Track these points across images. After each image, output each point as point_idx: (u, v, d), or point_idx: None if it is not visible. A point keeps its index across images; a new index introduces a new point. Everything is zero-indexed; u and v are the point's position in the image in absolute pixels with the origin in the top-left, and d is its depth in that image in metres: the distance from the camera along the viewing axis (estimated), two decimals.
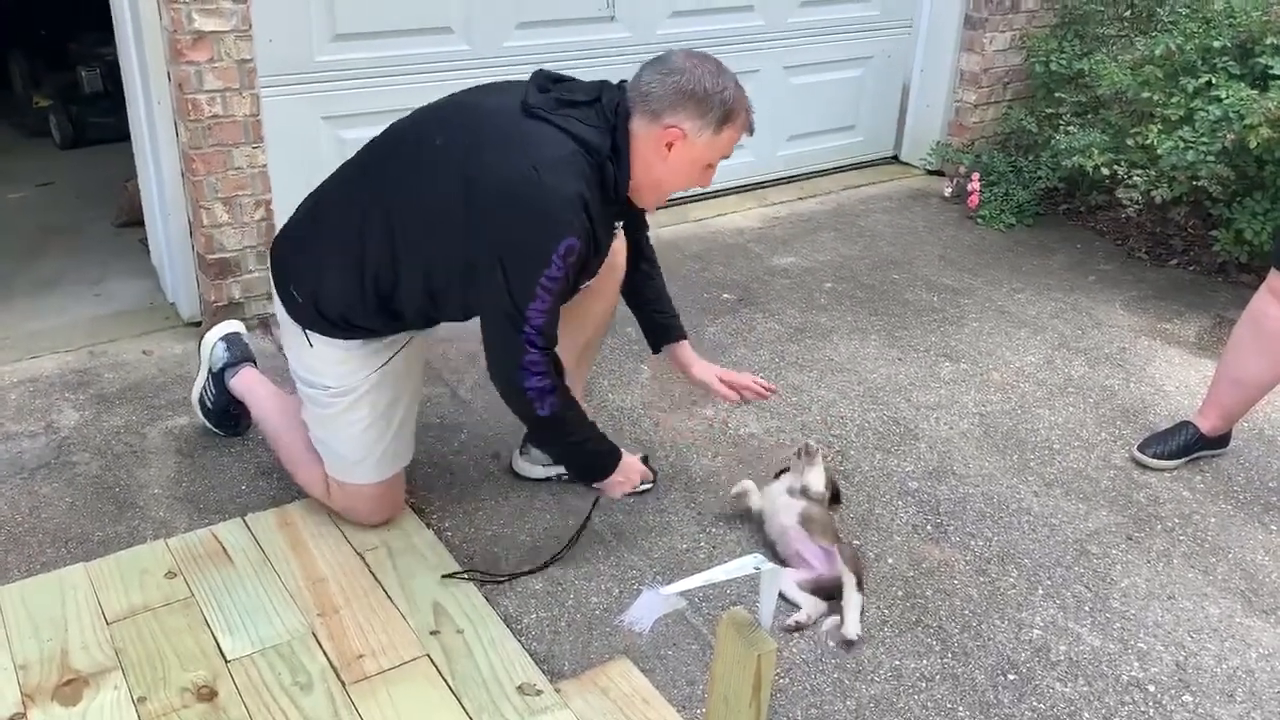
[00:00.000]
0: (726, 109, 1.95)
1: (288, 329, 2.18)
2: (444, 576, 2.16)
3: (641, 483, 2.32)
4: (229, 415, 2.58)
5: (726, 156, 2.06)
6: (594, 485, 2.22)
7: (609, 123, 1.96)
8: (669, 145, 1.97)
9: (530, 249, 1.89)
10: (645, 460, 2.35)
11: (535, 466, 2.50)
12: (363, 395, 2.15)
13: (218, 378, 2.53)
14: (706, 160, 2.02)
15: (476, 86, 2.13)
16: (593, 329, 2.38)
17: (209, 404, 2.58)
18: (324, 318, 2.08)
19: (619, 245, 2.29)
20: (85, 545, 2.24)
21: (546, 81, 2.01)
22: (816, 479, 2.33)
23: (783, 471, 2.42)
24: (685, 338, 2.44)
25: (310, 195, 2.19)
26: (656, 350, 2.45)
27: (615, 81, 2.03)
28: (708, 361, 2.47)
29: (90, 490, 2.42)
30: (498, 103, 2.01)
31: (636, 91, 1.96)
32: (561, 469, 2.47)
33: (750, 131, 2.04)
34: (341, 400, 2.15)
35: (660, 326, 2.43)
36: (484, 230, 1.91)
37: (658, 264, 2.43)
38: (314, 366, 2.15)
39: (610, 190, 1.98)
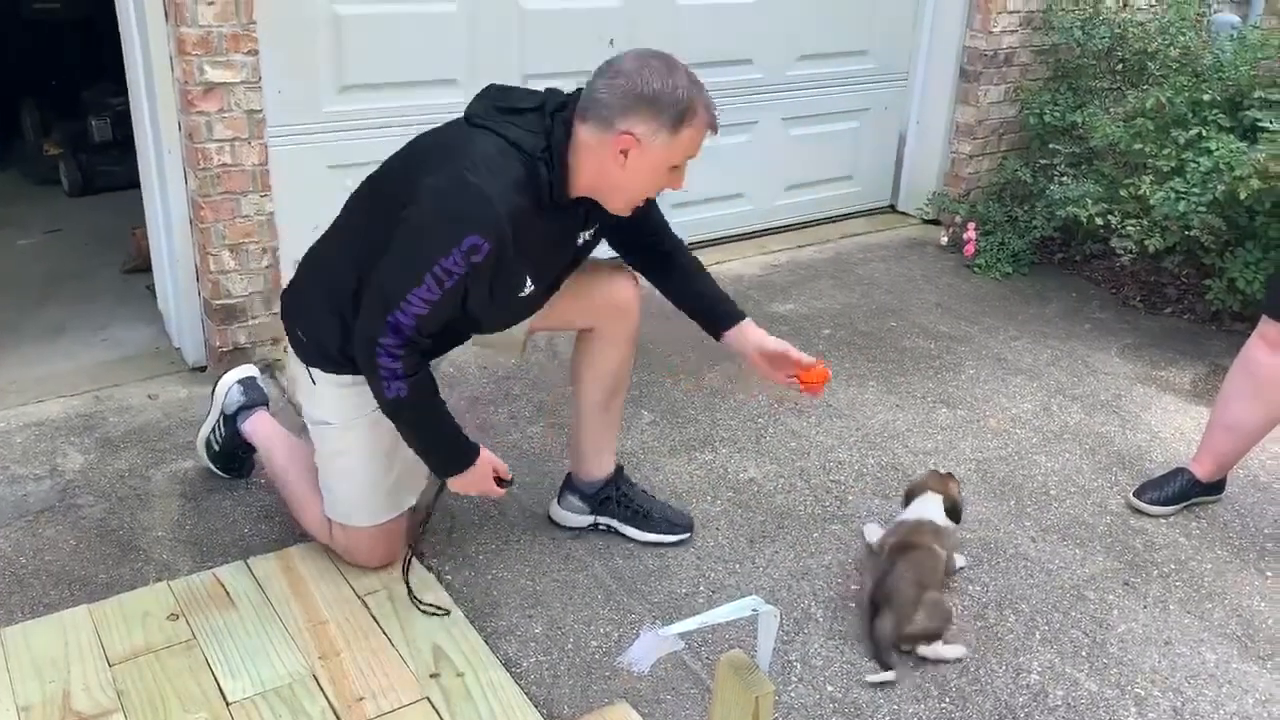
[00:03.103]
0: (680, 109, 1.88)
1: (295, 367, 2.23)
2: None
3: (492, 493, 2.20)
4: (235, 458, 2.61)
5: (693, 156, 1.98)
6: (441, 478, 2.17)
7: (546, 127, 1.93)
8: (624, 152, 1.91)
9: (433, 237, 1.88)
10: (510, 481, 2.21)
11: (571, 515, 2.52)
12: (362, 434, 2.18)
13: (230, 420, 2.56)
14: (669, 163, 1.95)
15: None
16: (613, 381, 2.39)
17: (216, 446, 2.60)
18: (325, 355, 2.13)
19: (626, 292, 2.30)
20: (89, 587, 2.26)
21: (497, 93, 2.03)
22: (916, 508, 2.35)
23: (910, 497, 2.41)
24: (743, 317, 2.26)
25: (314, 242, 2.26)
26: (719, 339, 2.29)
27: (566, 90, 2.01)
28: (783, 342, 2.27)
29: (94, 533, 2.44)
30: (449, 124, 2.04)
31: (587, 99, 1.92)
32: (597, 518, 2.50)
33: (714, 129, 1.96)
34: (343, 438, 2.19)
35: (717, 318, 2.28)
36: (402, 222, 1.92)
37: (685, 255, 2.30)
38: (318, 403, 2.20)
39: (544, 195, 1.93)
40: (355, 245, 2.06)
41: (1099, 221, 3.86)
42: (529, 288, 2.09)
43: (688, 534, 2.50)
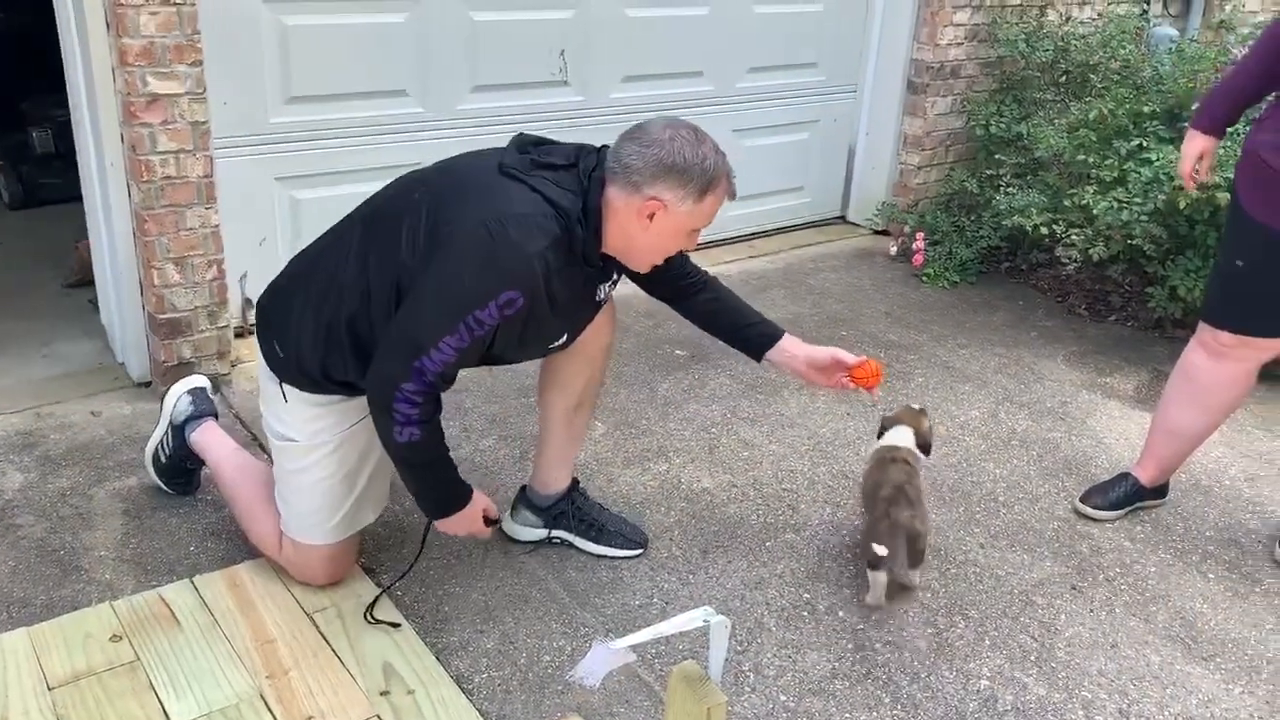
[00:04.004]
0: (707, 178, 1.97)
1: (265, 381, 2.19)
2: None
3: (480, 534, 2.26)
4: (182, 471, 2.57)
5: (709, 223, 2.07)
6: (433, 519, 2.18)
7: (582, 187, 1.98)
8: (650, 216, 1.98)
9: (471, 290, 1.89)
10: (495, 520, 2.28)
11: (525, 529, 2.50)
12: (330, 453, 2.15)
13: (178, 431, 2.52)
14: (690, 227, 2.03)
15: (465, 152, 2.16)
16: (579, 394, 2.39)
17: (163, 458, 2.56)
18: (304, 373, 2.09)
19: (602, 315, 2.31)
20: (28, 609, 2.21)
21: (526, 144, 2.05)
22: (894, 437, 2.51)
23: (885, 429, 2.57)
24: (780, 335, 2.35)
25: (299, 253, 2.22)
26: (760, 361, 2.39)
27: (595, 145, 2.05)
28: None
29: (34, 553, 2.38)
30: (477, 163, 2.05)
31: (617, 162, 1.97)
32: (551, 531, 2.48)
33: (732, 196, 2.05)
34: (308, 456, 2.16)
35: (752, 342, 2.37)
36: (434, 267, 1.93)
37: (717, 288, 2.38)
38: (286, 420, 2.16)
39: (577, 254, 2.00)
40: (363, 270, 2.02)
41: (1044, 231, 3.92)
42: (562, 339, 2.17)
43: (642, 550, 2.49)
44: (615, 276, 2.22)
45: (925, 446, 2.53)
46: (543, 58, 3.76)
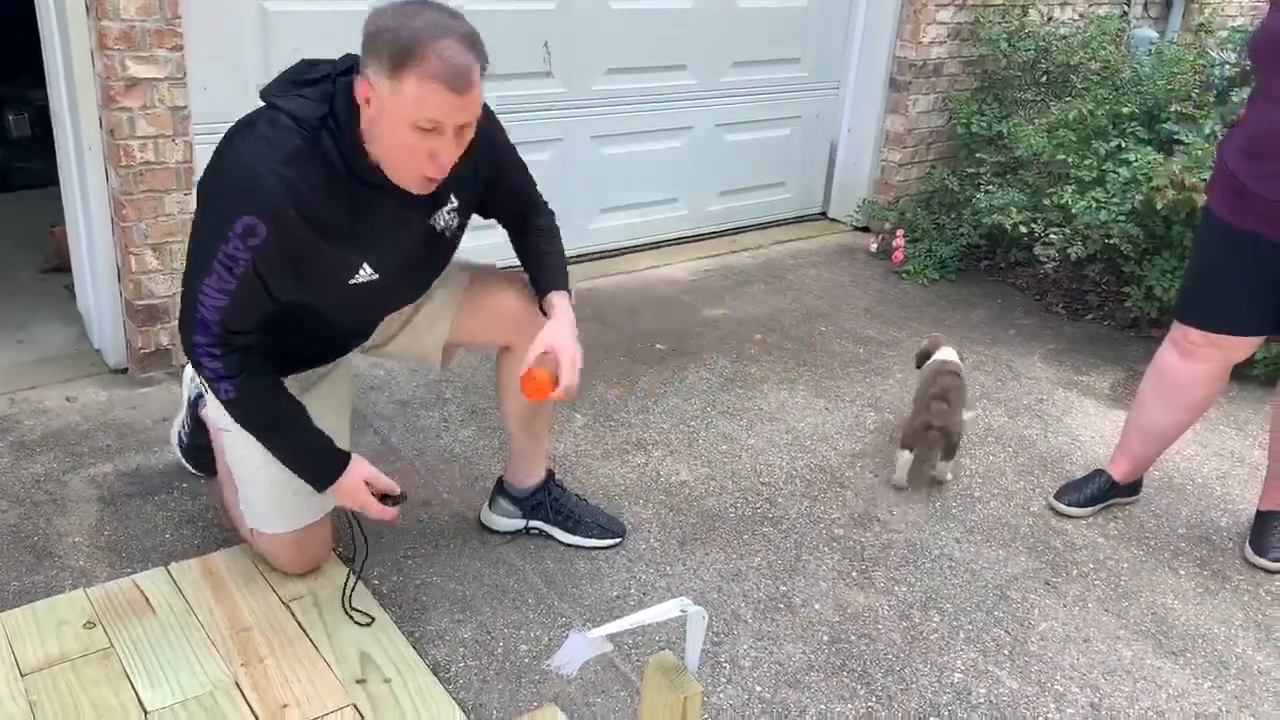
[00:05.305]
0: (399, 47, 1.63)
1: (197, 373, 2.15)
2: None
3: (369, 509, 2.08)
4: (202, 449, 2.51)
5: (437, 120, 1.70)
6: (316, 489, 2.07)
7: (328, 93, 1.79)
8: (367, 101, 1.74)
9: (209, 226, 1.81)
10: (401, 497, 2.11)
11: (503, 519, 2.49)
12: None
13: (192, 406, 2.49)
14: (404, 120, 1.70)
15: None
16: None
17: (184, 438, 2.53)
18: None
19: (514, 302, 2.22)
20: (0, 595, 2.19)
21: (303, 66, 1.87)
22: (944, 354, 3.03)
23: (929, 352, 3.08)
24: (553, 289, 2.13)
25: None
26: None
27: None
28: (566, 334, 2.05)
29: (6, 539, 2.37)
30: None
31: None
32: (528, 522, 2.47)
33: (454, 89, 1.66)
34: (241, 443, 2.09)
35: (533, 280, 2.20)
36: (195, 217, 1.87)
37: (549, 231, 2.21)
38: (216, 408, 2.11)
39: (339, 165, 1.79)
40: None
41: (1023, 229, 3.95)
42: (365, 273, 1.94)
43: (619, 540, 2.50)
44: (456, 203, 2.00)
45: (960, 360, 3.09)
46: (527, 49, 3.75)
